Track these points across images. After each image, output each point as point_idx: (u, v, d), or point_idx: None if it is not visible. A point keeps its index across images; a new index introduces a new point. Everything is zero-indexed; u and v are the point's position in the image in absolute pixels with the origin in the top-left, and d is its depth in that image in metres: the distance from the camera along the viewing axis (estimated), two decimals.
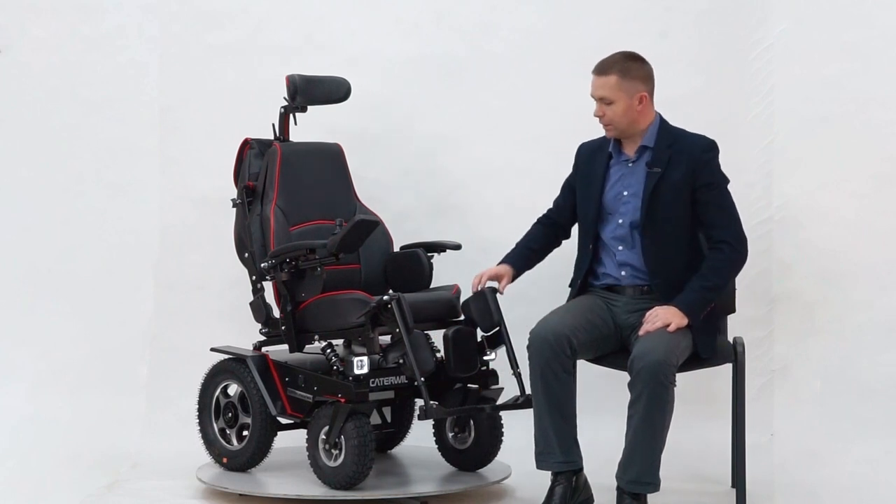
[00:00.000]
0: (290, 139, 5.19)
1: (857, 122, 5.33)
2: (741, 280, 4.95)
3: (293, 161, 5.08)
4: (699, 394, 5.21)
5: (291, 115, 5.17)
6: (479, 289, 4.76)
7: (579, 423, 4.72)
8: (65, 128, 5.66)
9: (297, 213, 5.04)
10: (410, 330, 4.61)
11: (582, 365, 4.72)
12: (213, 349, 5.07)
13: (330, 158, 5.20)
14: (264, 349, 5.02)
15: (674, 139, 4.57)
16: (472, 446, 4.86)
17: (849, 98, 5.34)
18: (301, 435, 4.96)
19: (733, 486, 4.77)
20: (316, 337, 4.83)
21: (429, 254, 5.07)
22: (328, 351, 4.83)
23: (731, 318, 4.88)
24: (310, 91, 5.11)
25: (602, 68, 4.57)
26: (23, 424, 5.38)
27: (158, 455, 5.27)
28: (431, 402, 4.55)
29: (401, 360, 4.65)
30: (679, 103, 5.38)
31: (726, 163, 4.52)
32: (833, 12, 5.36)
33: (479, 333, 4.80)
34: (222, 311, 5.53)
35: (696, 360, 4.57)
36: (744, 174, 5.41)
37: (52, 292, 5.63)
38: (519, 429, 4.69)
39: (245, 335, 5.17)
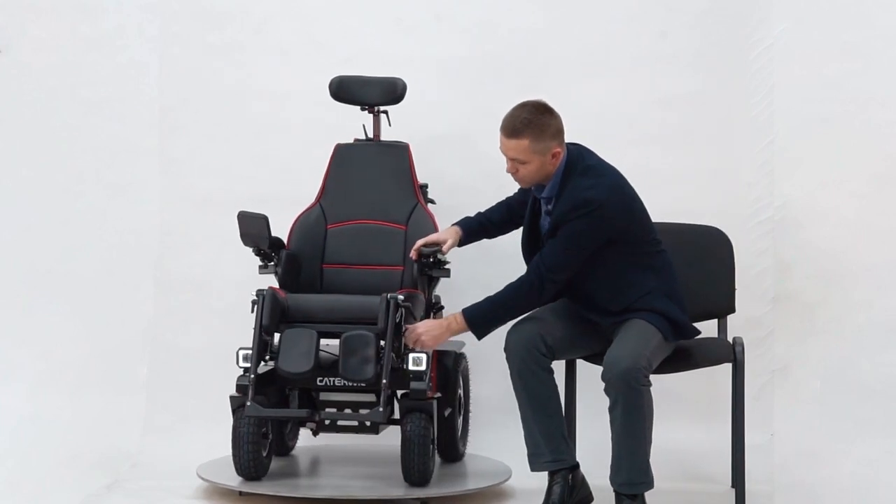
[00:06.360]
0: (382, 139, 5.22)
1: (857, 122, 5.34)
2: (741, 280, 4.95)
3: (347, 160, 5.09)
4: (699, 394, 5.21)
5: (384, 116, 5.20)
6: (413, 256, 4.77)
7: (578, 423, 4.71)
8: (65, 128, 5.65)
9: (339, 212, 5.06)
10: (265, 329, 4.61)
11: (581, 365, 4.72)
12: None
13: (390, 158, 5.14)
14: None
15: (565, 190, 4.42)
16: (402, 456, 4.66)
17: (849, 98, 5.34)
18: (303, 434, 4.97)
19: (733, 486, 4.76)
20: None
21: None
22: None
23: (730, 318, 4.89)
24: (355, 92, 5.12)
25: (513, 130, 4.38)
26: (23, 424, 5.38)
27: (158, 455, 5.27)
28: (257, 398, 4.54)
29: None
30: (679, 103, 5.40)
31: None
32: (833, 12, 5.37)
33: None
34: (222, 311, 5.52)
35: (697, 360, 4.58)
36: (744, 174, 5.41)
37: (52, 292, 5.63)
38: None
39: (245, 335, 5.17)
